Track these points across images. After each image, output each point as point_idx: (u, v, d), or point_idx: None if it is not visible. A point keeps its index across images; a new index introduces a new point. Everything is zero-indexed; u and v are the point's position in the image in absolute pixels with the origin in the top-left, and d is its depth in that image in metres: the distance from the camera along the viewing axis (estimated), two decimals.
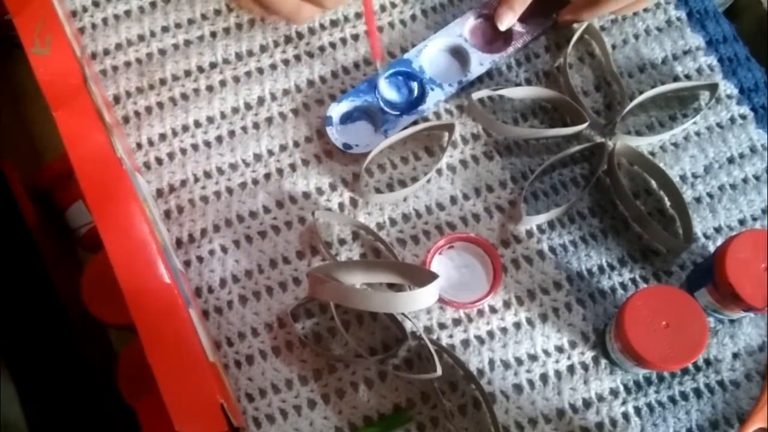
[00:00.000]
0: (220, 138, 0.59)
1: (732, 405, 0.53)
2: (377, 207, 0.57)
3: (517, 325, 0.54)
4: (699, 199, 0.58)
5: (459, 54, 0.61)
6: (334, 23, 0.62)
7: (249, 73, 0.61)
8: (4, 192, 0.61)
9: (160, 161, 0.59)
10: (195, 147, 0.59)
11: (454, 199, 0.58)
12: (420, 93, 0.59)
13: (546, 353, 0.54)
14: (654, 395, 0.53)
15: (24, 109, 0.65)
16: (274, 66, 0.61)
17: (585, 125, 0.58)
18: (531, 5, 0.59)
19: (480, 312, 0.54)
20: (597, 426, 0.52)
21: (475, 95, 0.58)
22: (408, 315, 0.53)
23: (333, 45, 0.62)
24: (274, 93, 0.61)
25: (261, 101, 0.60)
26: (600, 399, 0.53)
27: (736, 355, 0.54)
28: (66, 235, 0.62)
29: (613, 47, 0.62)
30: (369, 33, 0.52)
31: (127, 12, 0.63)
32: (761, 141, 0.59)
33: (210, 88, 0.61)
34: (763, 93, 0.61)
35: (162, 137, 0.59)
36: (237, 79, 0.61)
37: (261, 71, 0.61)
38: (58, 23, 0.50)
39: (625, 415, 0.52)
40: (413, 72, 0.59)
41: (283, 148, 0.59)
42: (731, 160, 0.59)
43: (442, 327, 0.54)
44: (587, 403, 0.52)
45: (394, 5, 0.63)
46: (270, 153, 0.59)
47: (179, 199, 0.58)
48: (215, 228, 0.57)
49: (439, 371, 0.49)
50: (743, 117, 0.60)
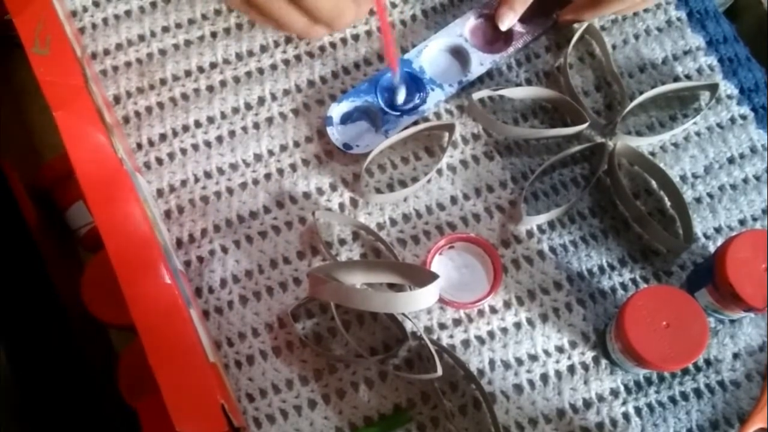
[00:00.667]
0: (220, 138, 0.59)
1: (732, 405, 0.53)
2: (377, 207, 0.57)
3: (518, 326, 0.54)
4: (699, 200, 0.58)
5: (459, 54, 0.61)
6: None
7: (249, 73, 0.61)
8: (4, 192, 0.61)
9: (160, 161, 0.59)
10: (195, 147, 0.59)
11: (454, 199, 0.58)
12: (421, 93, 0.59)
13: (546, 353, 0.54)
14: (654, 395, 0.53)
15: (24, 109, 0.65)
16: (274, 66, 0.61)
17: (585, 125, 0.58)
18: (531, 5, 0.59)
19: (480, 312, 0.54)
20: (597, 426, 0.52)
21: (476, 95, 0.58)
22: (408, 315, 0.53)
23: (333, 45, 0.62)
24: (274, 93, 0.61)
25: (261, 101, 0.60)
26: (600, 399, 0.53)
27: (736, 356, 0.54)
28: (66, 235, 0.62)
29: (614, 47, 0.62)
30: (386, 45, 0.51)
31: (128, 12, 0.63)
32: (761, 141, 0.59)
33: (210, 88, 0.61)
34: (764, 93, 0.61)
35: (162, 137, 0.59)
36: (237, 79, 0.61)
37: (261, 71, 0.61)
38: (58, 23, 0.50)
39: (626, 416, 0.52)
40: (415, 72, 0.59)
41: (284, 148, 0.59)
42: (731, 160, 0.59)
43: (442, 327, 0.54)
44: (587, 404, 0.52)
45: (394, 5, 0.63)
46: (270, 153, 0.59)
47: (179, 199, 0.58)
48: (215, 228, 0.57)
49: (440, 371, 0.49)
50: (743, 117, 0.60)
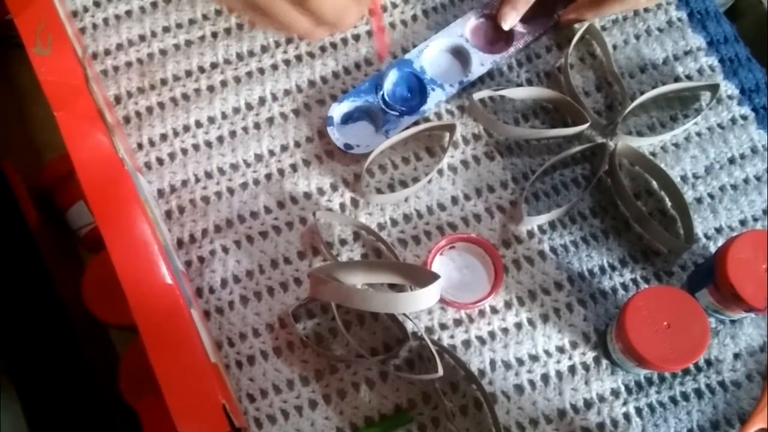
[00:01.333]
0: (221, 138, 0.59)
1: (733, 405, 0.53)
2: (378, 207, 0.57)
3: (519, 326, 0.54)
4: (700, 200, 0.58)
5: (460, 54, 0.61)
6: None
7: (250, 73, 0.61)
8: (5, 192, 0.61)
9: (161, 161, 0.59)
10: (196, 147, 0.59)
11: (455, 200, 0.58)
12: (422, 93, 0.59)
13: (547, 353, 0.54)
14: (655, 395, 0.53)
15: (25, 109, 0.65)
16: (275, 66, 0.61)
17: (586, 126, 0.58)
18: (533, 5, 0.59)
19: (481, 312, 0.54)
20: (598, 426, 0.52)
21: (476, 95, 0.58)
22: (409, 315, 0.53)
23: (334, 45, 0.62)
24: (275, 93, 0.61)
25: (262, 101, 0.60)
26: (601, 399, 0.53)
27: (737, 356, 0.54)
28: (67, 236, 0.62)
29: (614, 47, 0.62)
30: (377, 31, 0.51)
31: (128, 12, 0.63)
32: (762, 141, 0.59)
33: (211, 88, 0.61)
34: (764, 93, 0.61)
35: (163, 137, 0.59)
36: (238, 80, 0.61)
37: (262, 71, 0.61)
38: (59, 23, 0.50)
39: (627, 416, 0.52)
40: (415, 72, 0.59)
41: (284, 148, 0.59)
42: (732, 160, 0.59)
43: (443, 327, 0.54)
44: (588, 404, 0.52)
45: (395, 5, 0.63)
46: (271, 153, 0.59)
47: (180, 200, 0.58)
48: (216, 228, 0.57)
49: (441, 371, 0.49)
50: (744, 117, 0.60)
